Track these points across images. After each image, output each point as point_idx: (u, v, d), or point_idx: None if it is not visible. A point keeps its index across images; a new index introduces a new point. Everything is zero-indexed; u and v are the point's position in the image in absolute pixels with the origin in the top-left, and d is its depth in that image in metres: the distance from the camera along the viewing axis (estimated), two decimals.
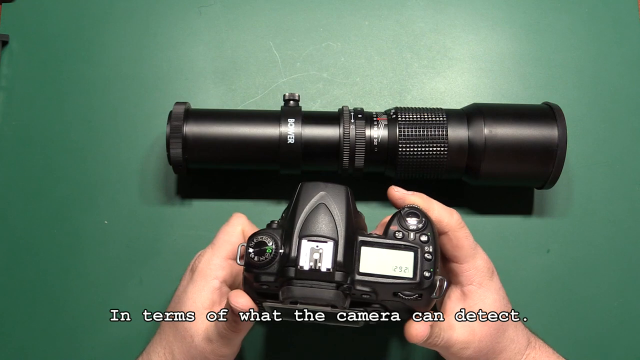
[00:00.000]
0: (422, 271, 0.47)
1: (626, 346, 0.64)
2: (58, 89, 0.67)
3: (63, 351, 0.62)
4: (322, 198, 0.47)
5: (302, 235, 0.46)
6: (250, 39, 0.69)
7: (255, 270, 0.47)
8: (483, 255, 0.52)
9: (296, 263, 0.45)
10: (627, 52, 0.69)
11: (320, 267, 0.45)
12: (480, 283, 0.52)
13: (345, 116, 0.59)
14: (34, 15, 0.69)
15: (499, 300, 0.52)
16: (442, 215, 0.51)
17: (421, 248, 0.47)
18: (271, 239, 0.47)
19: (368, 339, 0.63)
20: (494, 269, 0.53)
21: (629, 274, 0.65)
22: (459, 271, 0.52)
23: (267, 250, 0.46)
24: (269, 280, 0.46)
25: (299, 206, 0.47)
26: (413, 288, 0.47)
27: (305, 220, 0.46)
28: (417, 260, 0.47)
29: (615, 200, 0.66)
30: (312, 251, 0.45)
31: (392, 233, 0.48)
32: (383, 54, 0.69)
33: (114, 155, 0.66)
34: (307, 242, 0.45)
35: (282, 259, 0.46)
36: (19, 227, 0.64)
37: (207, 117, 0.59)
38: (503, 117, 0.59)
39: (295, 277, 0.45)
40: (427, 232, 0.48)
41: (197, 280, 0.52)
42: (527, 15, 0.70)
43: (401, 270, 0.46)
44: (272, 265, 0.46)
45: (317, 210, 0.47)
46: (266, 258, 0.46)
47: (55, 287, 0.63)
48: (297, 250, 0.45)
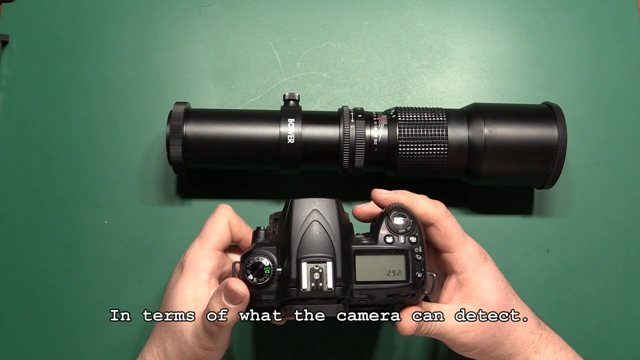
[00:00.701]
0: (414, 272, 0.48)
1: (626, 346, 0.64)
2: (58, 89, 0.67)
3: (63, 351, 0.62)
4: (314, 215, 0.48)
5: (300, 257, 0.47)
6: (250, 39, 0.69)
7: (254, 291, 0.48)
8: (473, 242, 0.53)
9: (297, 284, 0.46)
10: (627, 52, 0.69)
11: (322, 287, 0.46)
12: (474, 269, 0.52)
13: (345, 116, 0.59)
14: (34, 15, 0.69)
15: (496, 283, 0.52)
16: (427, 207, 0.52)
17: (411, 250, 0.48)
18: (267, 258, 0.48)
19: (364, 332, 0.63)
20: (486, 254, 0.53)
21: (629, 274, 0.65)
22: (452, 260, 0.52)
23: (265, 271, 0.47)
24: (270, 298, 0.48)
25: (292, 225, 0.48)
26: (407, 289, 0.48)
27: (301, 240, 0.47)
28: (408, 262, 0.48)
29: (615, 200, 0.66)
30: (312, 271, 0.46)
31: (382, 238, 0.49)
32: (383, 54, 0.69)
33: (114, 155, 0.66)
34: (306, 264, 0.46)
35: (281, 278, 0.47)
36: (19, 227, 0.64)
37: (207, 117, 0.59)
38: (503, 117, 0.59)
39: (297, 298, 0.46)
40: (415, 233, 0.49)
41: (186, 274, 0.52)
42: (527, 15, 0.70)
43: (395, 274, 0.48)
44: (271, 285, 0.48)
45: (312, 228, 0.47)
46: (265, 279, 0.47)
47: (55, 287, 0.63)
48: (297, 272, 0.46)
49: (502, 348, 0.52)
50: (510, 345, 0.52)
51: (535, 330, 0.53)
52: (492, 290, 0.52)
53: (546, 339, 0.53)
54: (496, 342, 0.51)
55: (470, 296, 0.51)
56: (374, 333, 0.63)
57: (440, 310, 0.51)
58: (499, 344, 0.51)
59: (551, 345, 0.53)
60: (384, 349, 0.63)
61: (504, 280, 0.54)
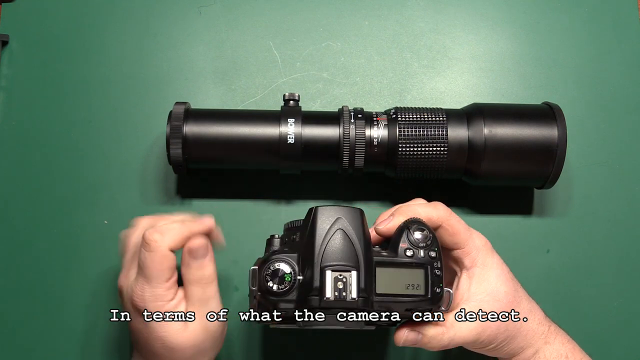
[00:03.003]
0: (433, 287, 0.48)
1: (626, 346, 0.64)
2: (58, 89, 0.67)
3: (63, 351, 0.62)
4: (340, 223, 0.47)
5: (325, 265, 0.46)
6: (250, 39, 0.69)
7: (273, 299, 0.47)
8: (478, 234, 0.54)
9: (321, 293, 0.45)
10: (627, 52, 0.69)
11: (345, 297, 0.45)
12: (483, 263, 0.52)
13: (345, 116, 0.59)
14: (34, 15, 0.69)
15: (503, 275, 0.53)
16: (430, 212, 0.52)
17: (431, 265, 0.48)
18: (289, 266, 0.47)
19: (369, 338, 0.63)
20: (491, 246, 0.54)
21: (629, 274, 0.65)
22: (462, 255, 0.53)
23: (286, 278, 0.47)
24: (289, 307, 0.47)
25: (316, 233, 0.47)
26: (425, 304, 0.48)
27: (325, 248, 0.46)
28: (427, 276, 0.48)
29: (615, 200, 0.66)
30: (336, 280, 0.46)
31: (402, 251, 0.49)
32: (383, 54, 0.69)
33: (114, 155, 0.66)
34: (331, 272, 0.46)
35: (301, 286, 0.47)
36: (19, 227, 0.64)
37: (207, 117, 0.59)
38: (503, 117, 0.59)
39: (320, 307, 0.46)
40: (435, 248, 0.49)
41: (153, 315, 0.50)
42: (527, 15, 0.70)
43: (414, 288, 0.48)
44: (291, 293, 0.47)
45: (336, 236, 0.47)
46: (285, 286, 0.47)
47: (55, 287, 0.63)
48: (321, 280, 0.46)
49: (514, 342, 0.52)
50: (522, 337, 0.52)
51: (544, 322, 0.54)
52: (500, 282, 0.52)
53: (554, 330, 0.54)
54: (509, 335, 0.52)
55: (479, 291, 0.52)
56: (385, 331, 0.63)
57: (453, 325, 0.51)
58: (512, 338, 0.52)
59: (559, 337, 0.54)
60: (394, 348, 0.63)
61: (510, 272, 0.54)
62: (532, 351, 0.53)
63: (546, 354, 0.53)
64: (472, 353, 0.55)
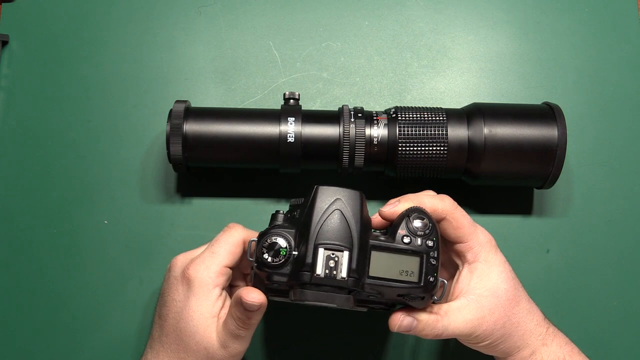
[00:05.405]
0: (427, 276, 0.48)
1: (626, 346, 0.64)
2: (58, 89, 0.67)
3: (63, 351, 0.62)
4: (338, 203, 0.48)
5: (318, 242, 0.47)
6: (250, 39, 0.69)
7: (268, 270, 0.48)
8: (483, 230, 0.54)
9: (312, 269, 0.46)
10: (627, 52, 0.69)
11: (336, 275, 0.46)
12: (485, 259, 0.52)
13: (345, 115, 0.59)
14: (34, 15, 0.69)
15: (504, 273, 0.53)
16: (435, 204, 0.52)
17: (427, 253, 0.49)
18: (285, 240, 0.48)
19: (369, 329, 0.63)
20: (495, 243, 0.54)
21: (629, 274, 0.65)
22: (465, 250, 0.53)
23: (281, 252, 0.48)
24: (281, 280, 0.48)
25: (314, 211, 0.48)
26: (418, 291, 0.48)
27: (321, 226, 0.47)
28: (422, 265, 0.48)
29: (615, 201, 0.66)
30: (328, 258, 0.46)
31: (400, 237, 0.49)
32: (383, 53, 0.69)
33: (114, 154, 0.66)
34: (323, 250, 0.47)
35: (296, 261, 0.48)
36: (19, 227, 0.64)
37: (207, 116, 0.59)
38: (503, 116, 0.59)
39: (310, 283, 0.46)
40: (433, 237, 0.49)
41: (197, 291, 0.51)
42: (527, 15, 0.70)
43: (407, 275, 0.48)
44: (285, 266, 0.48)
45: (333, 216, 0.48)
46: (280, 259, 0.48)
47: (55, 287, 0.63)
48: (313, 257, 0.47)
49: (510, 340, 0.52)
50: (519, 336, 0.52)
51: (542, 323, 0.53)
52: (501, 279, 0.52)
53: (552, 332, 0.54)
54: (505, 333, 0.52)
55: (479, 286, 0.52)
56: (383, 326, 0.63)
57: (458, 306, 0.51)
58: (508, 336, 0.52)
59: (557, 339, 0.54)
60: (395, 339, 0.63)
61: (512, 271, 0.54)
62: (529, 352, 0.52)
63: (543, 355, 0.52)
64: (471, 353, 0.55)
